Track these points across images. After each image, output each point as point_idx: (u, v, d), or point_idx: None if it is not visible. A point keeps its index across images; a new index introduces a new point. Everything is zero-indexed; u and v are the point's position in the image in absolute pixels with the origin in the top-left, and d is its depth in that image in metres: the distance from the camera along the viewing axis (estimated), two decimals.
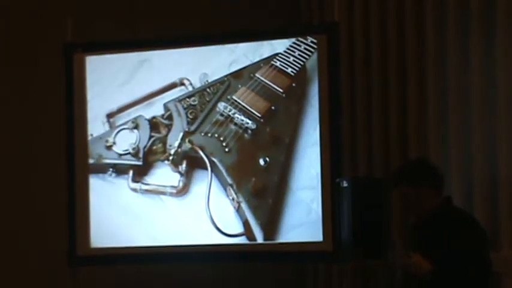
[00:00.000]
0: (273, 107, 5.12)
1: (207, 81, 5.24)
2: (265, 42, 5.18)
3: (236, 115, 5.15)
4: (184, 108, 5.25)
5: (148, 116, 5.30)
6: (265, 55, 5.17)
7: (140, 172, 5.27)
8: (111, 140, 5.32)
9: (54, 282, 5.60)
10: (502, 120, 4.53)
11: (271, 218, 5.05)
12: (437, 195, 3.74)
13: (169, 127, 5.26)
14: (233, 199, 5.10)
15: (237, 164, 5.12)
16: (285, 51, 5.13)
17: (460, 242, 3.59)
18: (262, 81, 5.15)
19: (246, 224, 5.08)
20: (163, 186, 5.23)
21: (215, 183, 5.14)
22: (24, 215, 5.76)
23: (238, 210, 5.09)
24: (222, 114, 5.18)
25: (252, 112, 5.13)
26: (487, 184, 4.60)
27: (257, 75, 5.16)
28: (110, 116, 5.35)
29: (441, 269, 3.60)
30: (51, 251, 5.55)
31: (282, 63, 5.12)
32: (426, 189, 3.71)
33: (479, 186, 4.62)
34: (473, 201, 4.57)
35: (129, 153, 5.29)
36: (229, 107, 5.17)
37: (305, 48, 5.10)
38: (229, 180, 5.11)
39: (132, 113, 5.32)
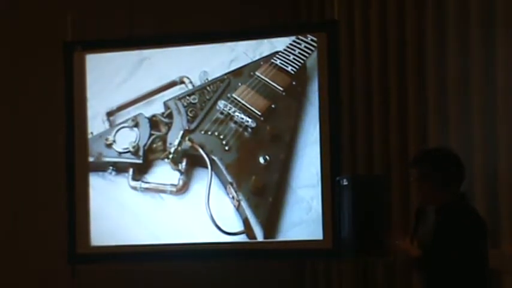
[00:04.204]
0: (273, 105, 5.12)
1: (207, 79, 5.24)
2: (265, 41, 5.18)
3: (236, 113, 5.15)
4: (184, 107, 5.25)
5: (148, 114, 5.30)
6: (265, 53, 5.17)
7: (140, 170, 5.27)
8: (111, 138, 5.32)
9: (54, 280, 5.60)
10: (501, 119, 4.53)
11: (271, 216, 5.05)
12: (450, 190, 3.71)
13: (169, 125, 5.26)
14: (233, 197, 5.10)
15: (237, 162, 5.12)
16: (285, 50, 5.13)
17: (448, 234, 3.59)
18: (262, 79, 5.15)
19: (246, 222, 5.08)
20: (163, 184, 5.23)
21: (215, 181, 5.14)
22: (24, 213, 5.76)
23: (238, 208, 5.10)
24: (222, 113, 5.18)
25: (252, 110, 5.13)
26: (487, 183, 4.61)
27: (257, 73, 5.16)
28: (109, 114, 5.35)
29: (425, 256, 3.59)
30: (52, 249, 5.56)
31: (282, 62, 5.12)
32: (442, 180, 3.66)
33: (479, 185, 4.62)
34: (472, 199, 4.57)
35: (129, 151, 5.29)
36: (229, 105, 5.17)
37: (305, 47, 5.10)
38: (229, 179, 5.11)
39: (132, 111, 5.32)
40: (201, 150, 5.17)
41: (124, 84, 5.35)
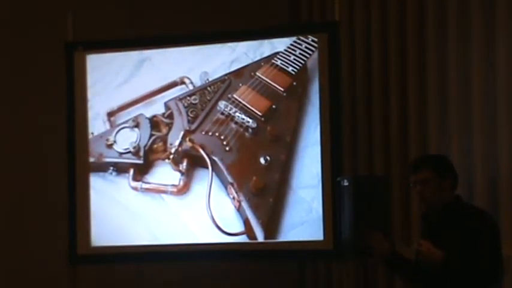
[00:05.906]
0: (273, 106, 5.12)
1: (207, 79, 5.24)
2: (266, 41, 5.18)
3: (237, 114, 5.15)
4: (185, 107, 5.25)
5: (148, 114, 5.30)
6: (266, 54, 5.17)
7: (141, 171, 5.27)
8: (111, 138, 5.32)
9: (55, 281, 5.60)
10: (502, 121, 4.54)
11: (271, 217, 5.05)
12: (452, 192, 3.78)
13: (169, 126, 5.26)
14: (234, 198, 5.10)
15: (238, 162, 5.12)
16: (286, 50, 5.13)
17: (471, 233, 3.60)
18: (263, 80, 5.15)
19: (246, 222, 5.08)
20: (164, 185, 5.23)
21: (216, 182, 5.14)
22: (24, 213, 5.75)
23: (239, 209, 5.09)
24: (222, 113, 5.18)
25: (252, 111, 5.13)
26: (487, 185, 4.61)
27: (258, 74, 5.16)
28: (110, 114, 5.35)
29: (453, 257, 3.58)
30: (52, 250, 5.55)
31: (282, 62, 5.12)
32: (448, 182, 3.75)
33: (479, 187, 4.63)
34: (473, 201, 4.57)
35: (129, 151, 5.29)
36: (229, 105, 5.17)
37: (306, 47, 5.10)
38: (230, 179, 5.11)
39: (133, 112, 5.32)
40: (201, 151, 5.17)
41: (125, 85, 5.35)
